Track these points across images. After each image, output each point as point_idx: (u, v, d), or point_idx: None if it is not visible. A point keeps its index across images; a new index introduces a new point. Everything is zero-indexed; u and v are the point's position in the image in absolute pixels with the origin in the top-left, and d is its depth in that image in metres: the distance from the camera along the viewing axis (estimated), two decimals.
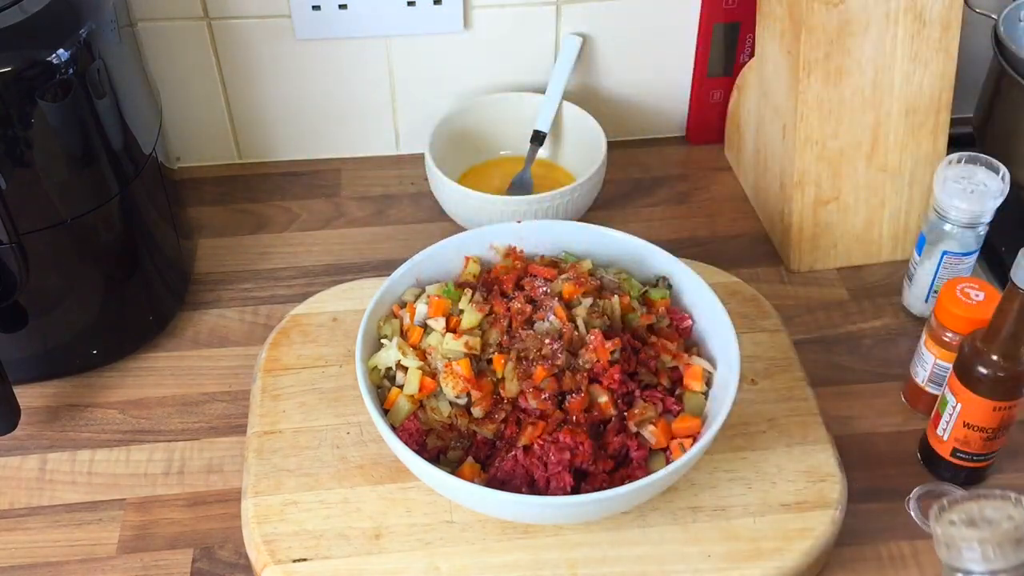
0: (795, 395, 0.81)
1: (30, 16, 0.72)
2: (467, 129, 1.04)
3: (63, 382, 0.87)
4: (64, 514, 0.78)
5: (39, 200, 0.76)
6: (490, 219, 0.93)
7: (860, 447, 0.82)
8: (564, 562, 0.70)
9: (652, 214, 1.05)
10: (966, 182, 0.85)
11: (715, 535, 0.72)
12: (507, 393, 0.71)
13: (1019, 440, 0.82)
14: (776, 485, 0.75)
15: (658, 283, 0.81)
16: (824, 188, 0.94)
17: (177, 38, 1.01)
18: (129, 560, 0.75)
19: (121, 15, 0.82)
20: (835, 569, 0.74)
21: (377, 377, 0.75)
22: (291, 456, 0.77)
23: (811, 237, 0.96)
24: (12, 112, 0.71)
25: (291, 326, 0.87)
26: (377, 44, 1.04)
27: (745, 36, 1.06)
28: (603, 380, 0.72)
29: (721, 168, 1.11)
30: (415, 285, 0.81)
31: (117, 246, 0.84)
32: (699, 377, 0.75)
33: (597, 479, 0.70)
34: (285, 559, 0.70)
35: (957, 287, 0.78)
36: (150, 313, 0.89)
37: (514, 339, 0.74)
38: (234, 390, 0.87)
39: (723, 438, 0.77)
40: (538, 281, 0.78)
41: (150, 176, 0.85)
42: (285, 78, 1.05)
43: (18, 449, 0.82)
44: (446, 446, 0.72)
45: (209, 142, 1.09)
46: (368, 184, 1.09)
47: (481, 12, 1.03)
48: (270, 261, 1.00)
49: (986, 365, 0.72)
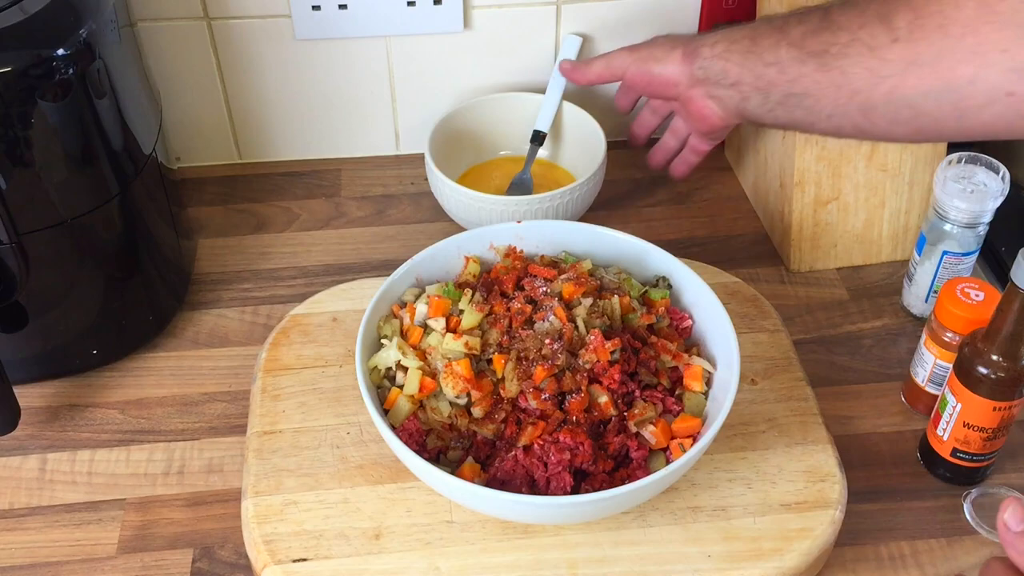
0: (795, 395, 0.81)
1: (30, 16, 0.72)
2: (467, 129, 1.04)
3: (63, 382, 0.87)
4: (64, 514, 0.78)
5: (39, 200, 0.76)
6: (490, 219, 0.93)
7: (860, 447, 0.82)
8: (564, 562, 0.70)
9: (652, 214, 1.05)
10: (966, 182, 0.85)
11: (715, 535, 0.72)
12: (507, 393, 0.71)
13: (1019, 440, 0.82)
14: (776, 485, 0.75)
15: (658, 283, 0.81)
16: (824, 188, 0.94)
17: (177, 38, 1.01)
18: (129, 560, 0.75)
19: (121, 15, 0.82)
20: (835, 569, 0.74)
21: (377, 377, 0.75)
22: (291, 456, 0.77)
23: (811, 237, 0.96)
24: (12, 112, 0.71)
25: (291, 326, 0.87)
26: (377, 44, 1.04)
27: None
28: (603, 380, 0.72)
29: (721, 168, 1.11)
30: (415, 285, 0.81)
31: (117, 246, 0.84)
32: (699, 377, 0.75)
33: (597, 479, 0.70)
34: (285, 559, 0.70)
35: (957, 287, 0.78)
36: (150, 313, 0.89)
37: (514, 339, 0.74)
38: (234, 390, 0.87)
39: (723, 438, 0.77)
40: (538, 281, 0.78)
41: (150, 176, 0.85)
42: (285, 78, 1.05)
43: (18, 449, 0.82)
44: (446, 446, 0.72)
45: (209, 142, 1.09)
46: (368, 184, 1.09)
47: (481, 12, 1.03)
48: (270, 261, 1.00)
49: (986, 365, 0.72)
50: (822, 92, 0.72)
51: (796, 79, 0.74)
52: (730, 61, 0.79)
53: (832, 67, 0.71)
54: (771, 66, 0.75)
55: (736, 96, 0.80)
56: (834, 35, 0.71)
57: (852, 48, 0.70)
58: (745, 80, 0.78)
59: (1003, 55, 0.63)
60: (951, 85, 0.66)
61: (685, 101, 0.86)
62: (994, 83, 0.64)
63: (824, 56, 0.71)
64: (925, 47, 0.66)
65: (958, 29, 0.64)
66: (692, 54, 0.83)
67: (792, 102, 0.75)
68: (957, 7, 0.64)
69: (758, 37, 0.77)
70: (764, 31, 0.76)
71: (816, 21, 0.72)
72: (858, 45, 0.69)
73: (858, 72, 0.70)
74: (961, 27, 0.64)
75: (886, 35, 0.68)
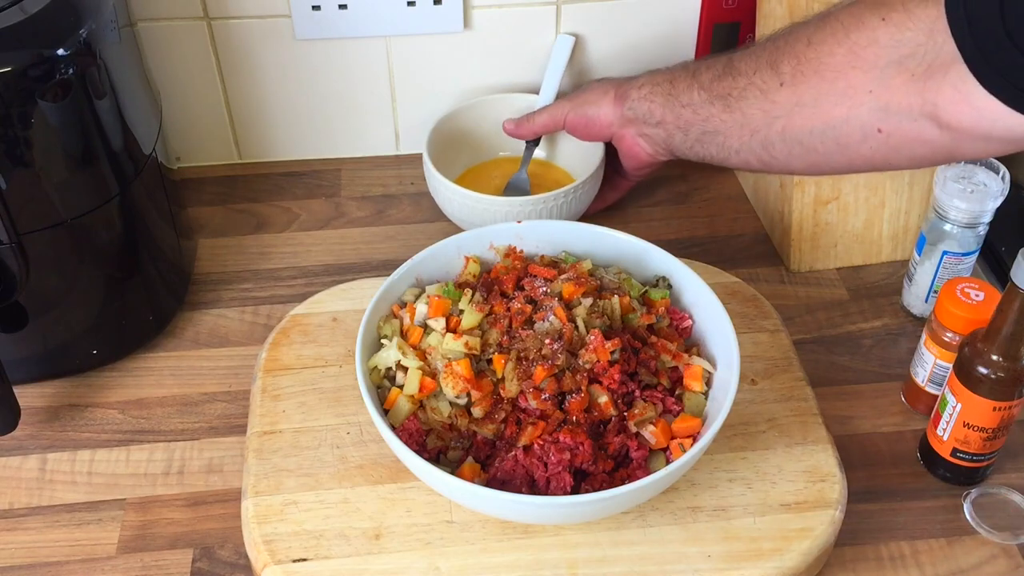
0: (795, 395, 0.81)
1: (30, 16, 0.72)
2: (464, 130, 1.04)
3: (63, 382, 0.87)
4: (64, 514, 0.78)
5: (39, 200, 0.76)
6: (488, 220, 0.93)
7: (860, 447, 0.82)
8: (564, 562, 0.70)
9: (652, 214, 1.05)
10: (966, 182, 0.85)
11: (715, 535, 0.72)
12: (507, 393, 0.71)
13: (1019, 440, 0.82)
14: (776, 485, 0.75)
15: (658, 283, 0.81)
16: (824, 188, 0.94)
17: (177, 38, 1.01)
18: (129, 560, 0.75)
19: (121, 15, 0.82)
20: (835, 569, 0.74)
21: (377, 377, 0.75)
22: (291, 456, 0.77)
23: (811, 237, 0.96)
24: (12, 112, 0.71)
25: (291, 326, 0.87)
26: (377, 44, 1.04)
27: (745, 36, 1.06)
28: (603, 380, 0.72)
29: (721, 168, 1.11)
30: (415, 285, 0.81)
31: (117, 246, 0.84)
32: (699, 377, 0.75)
33: (597, 479, 0.70)
34: (285, 559, 0.70)
35: (957, 287, 0.78)
36: (150, 313, 0.89)
37: (514, 339, 0.74)
38: (234, 390, 0.87)
39: (723, 438, 0.77)
40: (538, 281, 0.78)
41: (150, 176, 0.85)
42: (285, 78, 1.05)
43: (18, 449, 0.82)
44: (446, 446, 0.72)
45: (209, 142, 1.09)
46: (368, 184, 1.09)
47: (481, 12, 1.03)
48: (270, 261, 1.00)
49: (986, 365, 0.72)
50: (728, 130, 0.80)
51: (707, 119, 0.82)
52: (654, 102, 0.87)
53: (734, 108, 0.78)
54: (687, 107, 0.83)
55: (662, 133, 0.87)
56: (735, 80, 0.78)
57: (748, 92, 0.78)
58: (668, 119, 0.86)
59: (869, 96, 0.69)
60: (830, 124, 0.72)
61: (618, 140, 0.94)
62: (865, 121, 0.70)
63: (728, 99, 0.79)
64: (805, 90, 0.73)
65: (831, 73, 0.71)
66: (622, 96, 0.90)
67: (707, 139, 0.83)
68: (831, 54, 0.71)
69: (675, 80, 0.85)
70: (680, 75, 0.85)
71: (721, 67, 0.80)
72: (753, 89, 0.77)
73: (755, 113, 0.77)
74: (833, 71, 0.71)
75: (774, 79, 0.75)
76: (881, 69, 0.68)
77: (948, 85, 0.64)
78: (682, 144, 0.86)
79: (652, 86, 0.87)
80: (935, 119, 0.66)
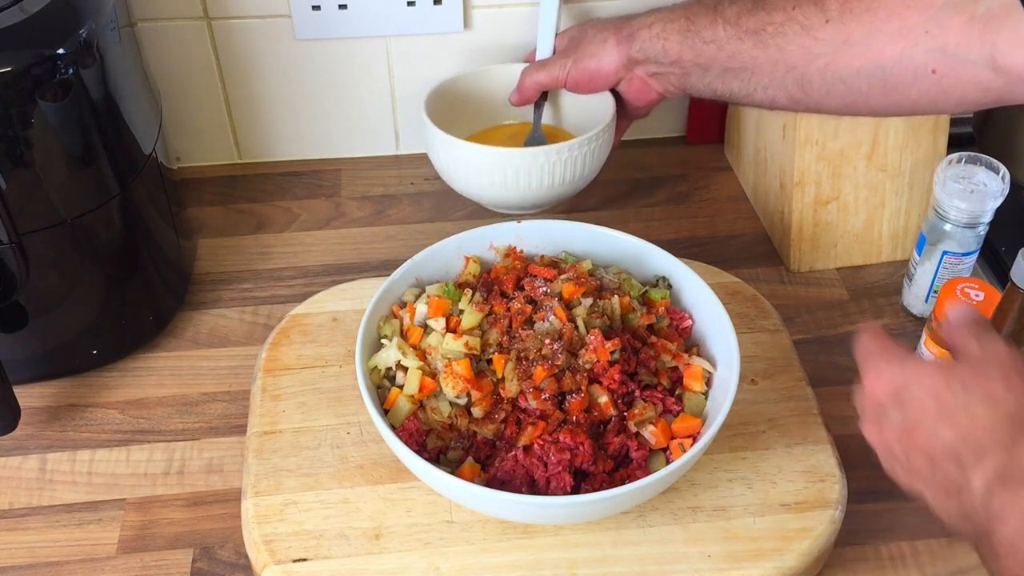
0: (795, 395, 0.81)
1: (30, 16, 0.72)
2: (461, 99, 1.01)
3: (63, 382, 0.87)
4: (64, 514, 0.78)
5: (39, 200, 0.76)
6: (504, 177, 0.91)
7: (860, 447, 0.81)
8: (564, 562, 0.70)
9: (652, 214, 1.05)
10: (966, 182, 0.85)
11: (715, 535, 0.72)
12: (507, 393, 0.71)
13: None
14: (776, 485, 0.75)
15: (658, 283, 0.81)
16: (824, 188, 0.94)
17: (177, 38, 1.01)
18: (129, 560, 0.75)
19: (121, 15, 0.82)
20: (835, 569, 0.74)
21: (377, 377, 0.75)
22: (291, 456, 0.77)
23: (811, 237, 0.96)
24: (12, 112, 0.71)
25: (291, 326, 0.87)
26: (377, 44, 1.04)
27: None
28: (603, 380, 0.72)
29: (721, 168, 1.11)
30: (415, 285, 0.81)
31: (117, 246, 0.84)
32: (699, 377, 0.75)
33: (597, 479, 0.70)
34: (285, 559, 0.70)
35: (957, 287, 0.78)
36: (150, 313, 0.89)
37: (514, 339, 0.74)
38: (234, 390, 0.87)
39: (723, 438, 0.77)
40: (538, 281, 0.78)
41: (150, 176, 0.85)
42: (285, 78, 1.05)
43: (18, 449, 0.82)
44: (446, 446, 0.72)
45: (209, 142, 1.09)
46: (368, 184, 1.09)
47: (481, 12, 1.03)
48: (270, 261, 1.00)
49: None
50: (759, 67, 0.78)
51: (734, 55, 0.79)
52: (669, 40, 0.84)
53: (769, 44, 0.76)
54: (709, 43, 0.80)
55: (677, 71, 0.85)
56: (768, 15, 0.76)
57: (787, 27, 0.75)
58: (685, 57, 0.83)
59: (926, 36, 0.68)
60: (880, 64, 0.71)
61: (626, 83, 0.90)
62: (919, 62, 0.69)
63: (760, 34, 0.77)
64: (855, 28, 0.71)
65: (884, 12, 0.69)
66: (628, 38, 0.87)
67: (730, 75, 0.81)
68: None
69: (693, 17, 0.82)
70: (698, 11, 0.82)
71: (749, 1, 0.77)
72: (793, 25, 0.74)
73: (793, 50, 0.75)
74: (887, 10, 0.69)
75: (819, 16, 0.73)
76: (937, 9, 0.67)
77: (1008, 29, 0.64)
78: (699, 82, 0.84)
79: (664, 23, 0.84)
80: (991, 62, 0.66)
